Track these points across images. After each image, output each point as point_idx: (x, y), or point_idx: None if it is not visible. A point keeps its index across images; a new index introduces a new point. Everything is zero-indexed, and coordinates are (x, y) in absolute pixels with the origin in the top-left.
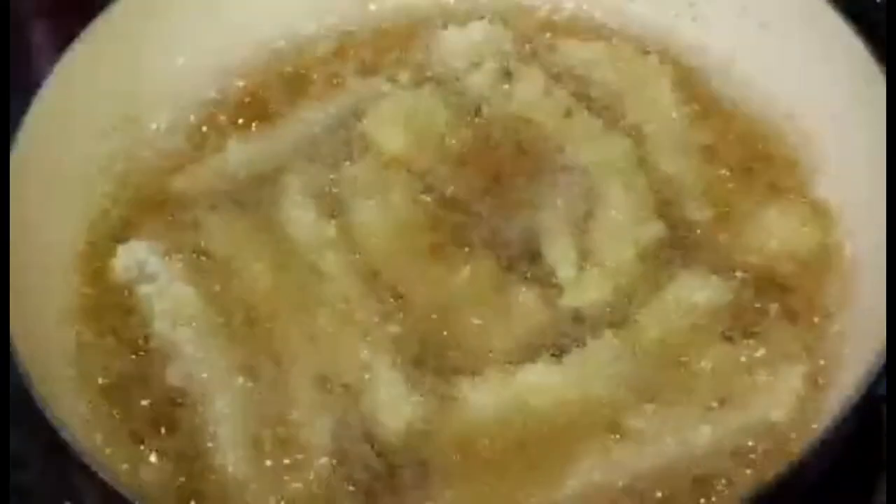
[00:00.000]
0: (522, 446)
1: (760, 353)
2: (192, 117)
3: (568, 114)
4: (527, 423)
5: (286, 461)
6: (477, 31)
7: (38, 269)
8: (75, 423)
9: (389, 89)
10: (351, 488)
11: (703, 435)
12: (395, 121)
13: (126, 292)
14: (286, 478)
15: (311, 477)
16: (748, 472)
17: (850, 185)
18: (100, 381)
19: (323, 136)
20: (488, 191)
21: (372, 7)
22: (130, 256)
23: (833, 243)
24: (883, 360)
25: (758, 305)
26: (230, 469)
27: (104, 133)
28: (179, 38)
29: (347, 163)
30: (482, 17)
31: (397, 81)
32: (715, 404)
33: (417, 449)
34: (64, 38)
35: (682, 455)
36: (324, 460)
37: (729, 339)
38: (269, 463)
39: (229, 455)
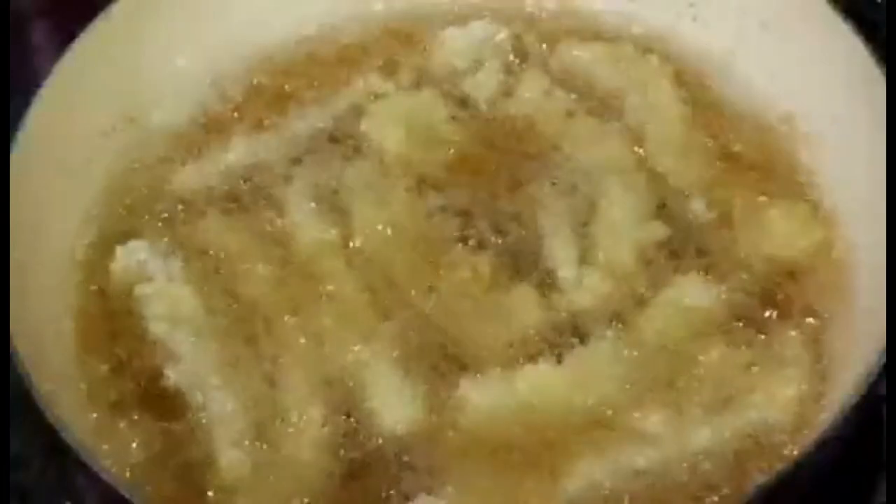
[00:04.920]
0: (522, 446)
1: (760, 353)
2: (192, 117)
3: (568, 114)
4: (527, 422)
5: (285, 461)
6: (477, 31)
7: (37, 269)
8: (75, 423)
9: (389, 89)
10: (350, 487)
11: (704, 435)
12: (395, 121)
13: (126, 292)
14: (285, 477)
15: (311, 476)
16: (748, 472)
17: (850, 185)
18: (99, 380)
19: (323, 137)
20: (488, 191)
21: (372, 7)
22: (130, 257)
23: (833, 243)
24: (883, 360)
25: (758, 306)
26: (229, 467)
27: (104, 133)
28: (179, 38)
29: (347, 163)
30: (482, 17)
31: (397, 81)
32: (715, 404)
33: (417, 448)
34: (64, 38)
35: (682, 455)
36: (323, 460)
37: (729, 339)
38: (267, 462)
39: (228, 454)
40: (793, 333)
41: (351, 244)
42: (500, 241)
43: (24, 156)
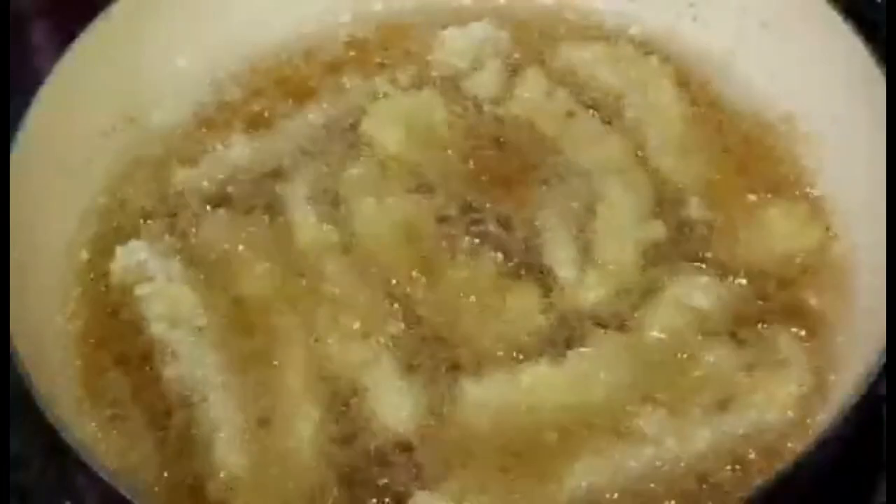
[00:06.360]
0: (522, 445)
1: (760, 353)
2: (192, 117)
3: (568, 114)
4: (527, 422)
5: (285, 460)
6: (477, 31)
7: (37, 269)
8: (75, 423)
9: (389, 89)
10: (350, 487)
11: (704, 435)
12: (395, 121)
13: (126, 292)
14: (285, 477)
15: (311, 475)
16: (748, 472)
17: (850, 185)
18: (99, 380)
19: (323, 137)
20: (488, 191)
21: (372, 7)
22: (130, 257)
23: (833, 243)
24: (883, 360)
25: (757, 305)
26: (228, 467)
27: (104, 133)
28: (179, 39)
29: (348, 163)
30: (482, 18)
31: (397, 82)
32: (715, 405)
33: (417, 448)
34: (64, 38)
35: (682, 455)
36: (323, 459)
37: (729, 339)
38: (267, 462)
39: (227, 454)
40: (793, 333)
41: (351, 244)
42: (500, 241)
43: (24, 156)
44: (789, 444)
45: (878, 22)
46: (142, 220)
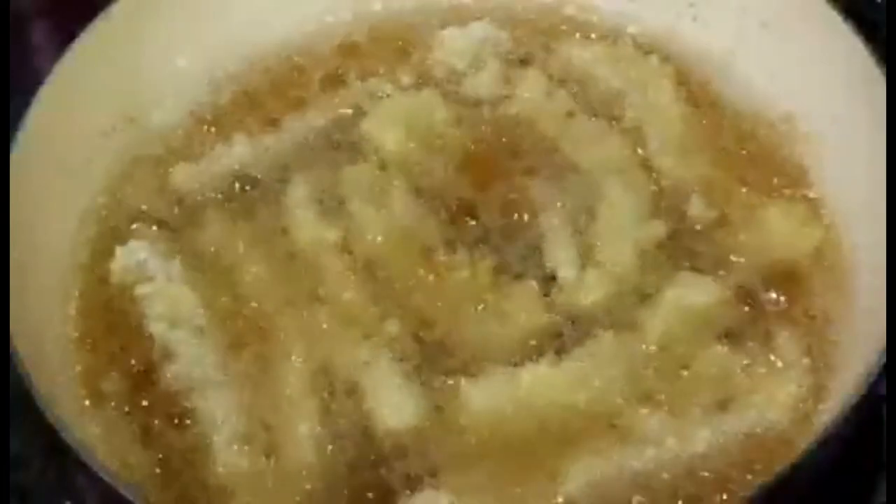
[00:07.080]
0: (522, 445)
1: (760, 353)
2: (192, 117)
3: (568, 114)
4: (527, 422)
5: (284, 461)
6: (477, 31)
7: (37, 269)
8: (75, 423)
9: (390, 90)
10: (349, 488)
11: (703, 435)
12: (395, 122)
13: (125, 292)
14: (284, 477)
15: (310, 476)
16: (748, 472)
17: (850, 185)
18: (99, 380)
19: (323, 137)
20: (489, 191)
21: (372, 7)
22: (129, 257)
23: (833, 243)
24: (883, 360)
25: (757, 305)
26: (228, 468)
27: (104, 133)
28: (179, 39)
29: (348, 164)
30: (482, 18)
31: (397, 82)
32: (715, 405)
33: (417, 448)
34: (64, 38)
35: (682, 455)
36: (322, 459)
37: (729, 339)
38: (267, 463)
39: (227, 453)
40: (793, 333)
41: (351, 244)
42: (500, 241)
43: (24, 156)
44: (789, 444)
45: (878, 22)
46: (142, 220)
